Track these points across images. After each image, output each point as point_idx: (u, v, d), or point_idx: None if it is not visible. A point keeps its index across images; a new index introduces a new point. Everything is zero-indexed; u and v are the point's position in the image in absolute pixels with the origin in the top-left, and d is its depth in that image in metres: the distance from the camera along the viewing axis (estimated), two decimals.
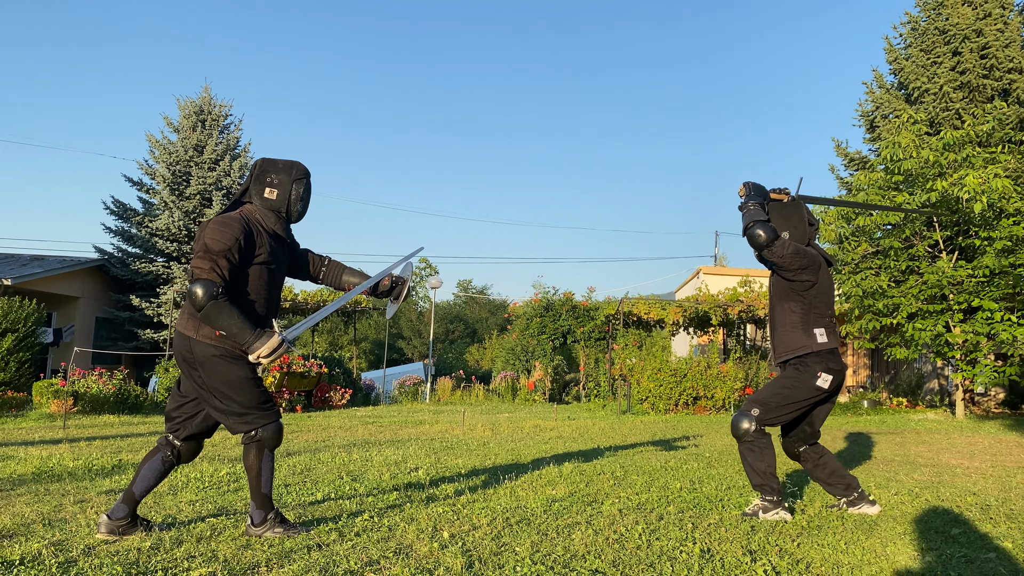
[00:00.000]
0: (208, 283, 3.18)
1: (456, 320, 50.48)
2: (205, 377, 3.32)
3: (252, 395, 3.36)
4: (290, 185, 3.53)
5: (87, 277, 20.60)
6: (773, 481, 4.07)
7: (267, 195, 3.51)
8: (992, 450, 7.79)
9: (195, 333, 3.33)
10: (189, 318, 3.37)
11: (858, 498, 4.24)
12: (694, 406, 13.74)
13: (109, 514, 3.40)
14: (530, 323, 19.43)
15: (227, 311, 3.20)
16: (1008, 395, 15.69)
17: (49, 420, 10.31)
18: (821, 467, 4.29)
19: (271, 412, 3.42)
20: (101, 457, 6.14)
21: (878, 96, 18.97)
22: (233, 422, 3.36)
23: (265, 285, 3.47)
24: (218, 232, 3.27)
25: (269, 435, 3.39)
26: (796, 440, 4.32)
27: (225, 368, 3.31)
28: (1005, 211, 12.04)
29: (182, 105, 22.42)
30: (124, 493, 3.45)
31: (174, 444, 3.50)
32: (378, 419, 11.65)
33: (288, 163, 3.57)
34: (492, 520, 3.83)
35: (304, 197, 3.60)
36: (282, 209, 3.54)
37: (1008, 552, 3.40)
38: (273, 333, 3.28)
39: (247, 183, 3.57)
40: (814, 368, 4.10)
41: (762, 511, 4.02)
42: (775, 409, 4.11)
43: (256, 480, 3.39)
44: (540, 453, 6.91)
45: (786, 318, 4.19)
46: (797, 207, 4.32)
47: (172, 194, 21.15)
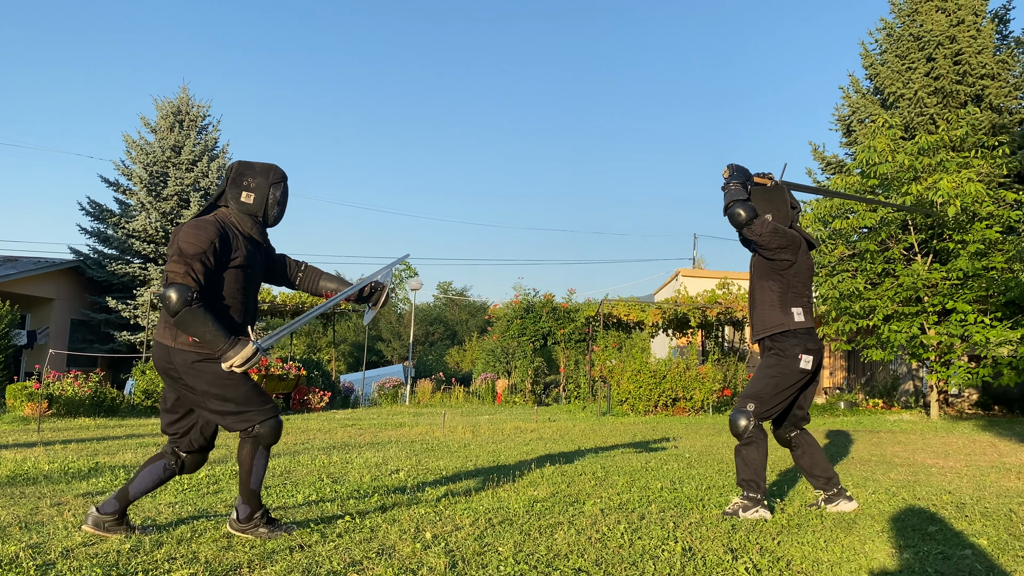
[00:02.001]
0: (182, 287, 3.12)
1: (436, 322, 50.39)
2: (192, 383, 3.25)
3: (245, 390, 3.30)
4: (267, 189, 3.47)
5: (62, 279, 20.33)
6: (761, 479, 4.11)
7: (244, 199, 3.45)
8: (966, 450, 7.91)
9: (173, 341, 3.26)
10: (166, 327, 3.30)
11: (836, 494, 4.29)
12: (673, 407, 13.82)
13: (99, 508, 3.36)
14: (510, 325, 19.44)
15: (201, 317, 3.12)
16: (981, 396, 15.92)
17: (23, 423, 10.17)
18: (809, 455, 4.34)
19: (269, 407, 3.36)
20: (77, 460, 6.07)
21: (854, 101, 19.19)
22: (231, 421, 3.30)
23: (241, 289, 3.42)
24: (192, 235, 3.21)
25: (267, 431, 3.33)
26: (788, 426, 4.38)
27: (209, 370, 3.25)
28: (978, 215, 12.24)
29: (159, 105, 22.22)
30: (119, 490, 3.40)
31: (179, 455, 3.45)
32: (357, 421, 11.60)
33: (265, 166, 3.52)
34: (475, 520, 3.84)
35: (281, 201, 3.54)
36: (259, 213, 3.49)
37: (983, 549, 3.46)
38: (248, 342, 3.20)
39: (223, 186, 3.51)
40: (794, 351, 4.16)
41: (742, 510, 4.05)
42: (768, 400, 4.17)
43: (247, 475, 3.33)
44: (521, 455, 6.92)
45: (765, 296, 4.27)
46: (780, 191, 4.40)
47: (149, 195, 20.94)
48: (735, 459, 4.23)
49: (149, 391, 12.98)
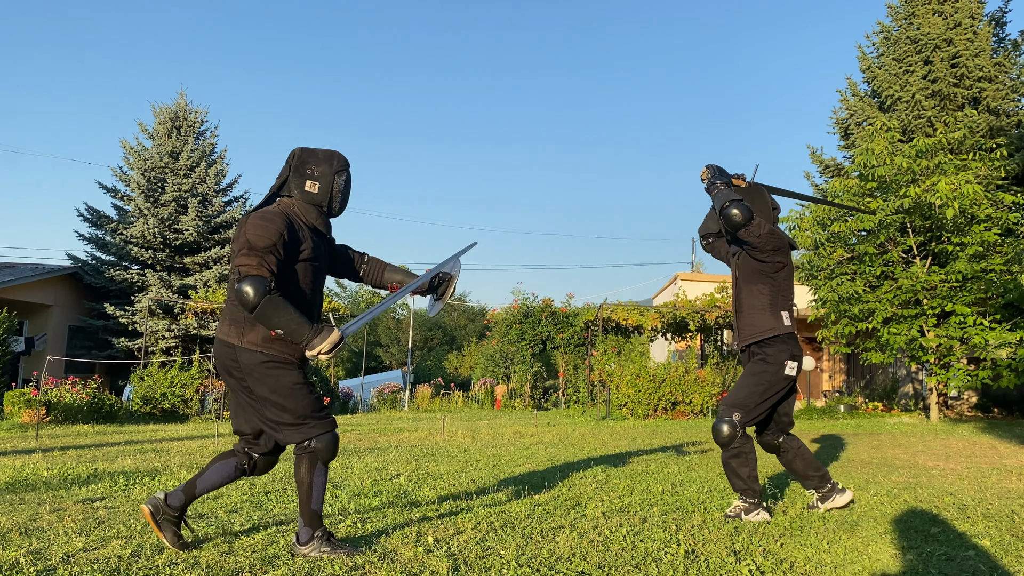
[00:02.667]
0: (259, 279, 2.97)
1: (435, 327, 50.33)
2: (253, 386, 3.14)
3: (305, 402, 3.16)
4: (332, 177, 3.33)
5: (60, 285, 20.29)
6: (755, 484, 4.09)
7: (308, 188, 3.30)
8: (967, 452, 7.90)
9: (240, 340, 3.13)
10: (231, 324, 3.16)
11: (830, 490, 4.30)
12: (673, 411, 13.80)
13: (167, 496, 3.24)
14: (509, 330, 19.43)
15: (283, 307, 2.99)
16: (981, 399, 15.92)
17: (21, 430, 10.14)
18: (800, 458, 4.31)
19: (327, 420, 3.22)
20: (76, 466, 6.05)
21: (852, 104, 19.23)
22: (287, 433, 3.16)
23: (310, 283, 3.28)
24: (261, 227, 3.07)
25: (324, 445, 3.17)
26: (773, 432, 4.33)
27: (275, 376, 3.13)
28: (976, 217, 12.25)
29: (157, 111, 22.21)
30: (186, 483, 3.28)
31: (251, 456, 3.34)
32: (357, 427, 11.58)
33: (328, 153, 3.37)
34: (476, 524, 3.82)
35: (345, 190, 3.39)
36: (324, 203, 3.33)
37: (986, 550, 3.45)
38: (332, 328, 3.07)
39: (284, 175, 3.35)
40: (781, 357, 4.11)
41: (744, 512, 4.05)
42: (754, 409, 4.12)
43: (307, 495, 3.17)
44: (521, 458, 6.90)
45: (754, 301, 4.19)
46: (759, 191, 4.35)
47: (147, 201, 20.92)
48: (724, 470, 4.19)
49: (147, 397, 12.95)
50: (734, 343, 4.40)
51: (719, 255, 4.65)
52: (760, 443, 4.40)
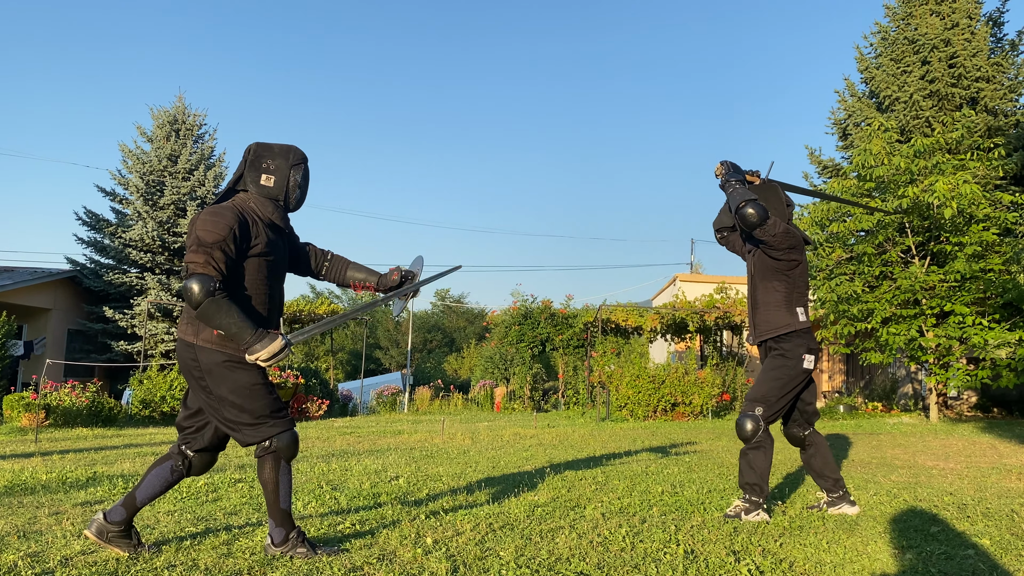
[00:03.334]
0: (204, 278, 2.96)
1: (434, 329, 50.36)
2: (212, 386, 3.11)
3: (264, 402, 3.14)
4: (288, 170, 3.31)
5: (59, 289, 20.28)
6: (765, 483, 4.11)
7: (263, 182, 3.27)
8: (966, 452, 7.90)
9: (196, 338, 3.12)
10: (189, 323, 3.15)
11: (840, 497, 4.29)
12: (672, 412, 13.80)
13: (106, 514, 3.19)
14: (509, 331, 19.41)
15: (226, 308, 2.97)
16: (980, 398, 15.92)
17: (20, 434, 10.13)
18: (821, 456, 4.33)
19: (285, 419, 3.20)
20: (75, 470, 6.04)
21: (850, 104, 19.25)
22: (246, 433, 3.13)
23: (265, 280, 3.24)
24: (210, 223, 3.04)
25: (285, 444, 3.17)
26: (798, 425, 4.35)
27: (234, 375, 3.11)
28: (975, 217, 12.26)
29: (156, 114, 22.21)
30: (125, 497, 3.23)
31: (187, 455, 3.29)
32: (356, 429, 11.57)
33: (284, 147, 3.35)
34: (475, 526, 3.82)
35: (303, 184, 3.38)
36: (280, 196, 3.30)
37: (986, 549, 3.45)
38: (276, 335, 3.07)
39: (240, 169, 3.32)
40: (798, 352, 4.16)
41: (744, 512, 4.05)
42: (775, 403, 4.16)
43: (274, 495, 3.17)
44: (521, 460, 6.90)
45: (769, 297, 4.22)
46: (773, 188, 4.36)
47: (146, 204, 20.92)
48: (740, 462, 4.20)
49: (147, 401, 12.94)
50: (749, 337, 4.42)
51: (734, 248, 4.69)
52: (786, 435, 4.42)
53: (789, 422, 4.39)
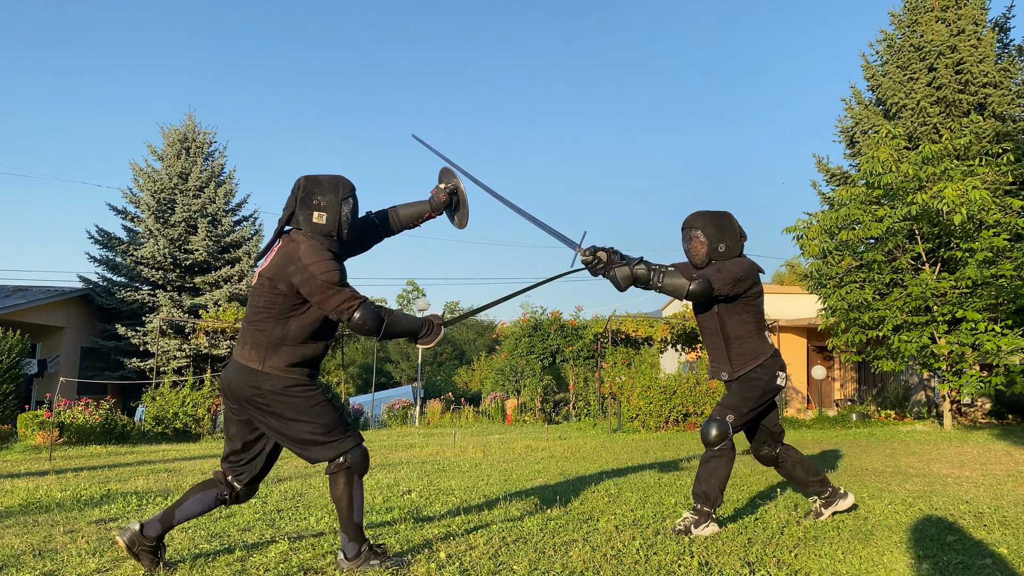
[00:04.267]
0: (366, 307, 3.11)
1: (444, 342, 50.35)
2: (280, 410, 3.14)
3: (332, 419, 3.21)
4: (339, 206, 3.29)
5: (72, 307, 20.42)
6: (721, 494, 4.03)
7: (316, 220, 3.25)
8: (981, 459, 7.84)
9: (261, 364, 3.13)
10: (252, 348, 3.16)
11: (832, 494, 4.30)
12: (684, 423, 13.74)
13: (143, 526, 3.19)
14: (519, 343, 19.41)
15: (400, 316, 3.23)
16: (995, 405, 15.80)
17: (35, 452, 10.18)
18: (800, 466, 4.30)
19: (356, 435, 3.28)
20: (89, 488, 6.07)
21: (857, 112, 19.23)
22: (319, 450, 3.19)
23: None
24: (323, 264, 3.11)
25: (358, 459, 3.23)
26: (767, 445, 4.29)
27: (301, 397, 3.16)
28: (985, 223, 12.21)
29: (166, 133, 22.40)
30: (164, 512, 3.24)
31: (234, 486, 3.31)
32: (368, 443, 11.54)
33: (333, 180, 3.33)
34: (489, 539, 3.82)
35: (353, 216, 3.38)
36: (332, 232, 3.29)
37: (1004, 558, 3.42)
38: (439, 327, 3.31)
39: (291, 206, 3.30)
40: (772, 368, 4.12)
41: (694, 525, 3.95)
42: (746, 414, 4.10)
43: (348, 510, 3.20)
44: (533, 473, 6.89)
45: (742, 330, 4.12)
46: (728, 218, 4.21)
47: (157, 222, 21.06)
48: (700, 468, 4.08)
49: (160, 417, 12.98)
50: (721, 374, 4.22)
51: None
52: (759, 458, 4.35)
53: (757, 443, 4.31)
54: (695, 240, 4.14)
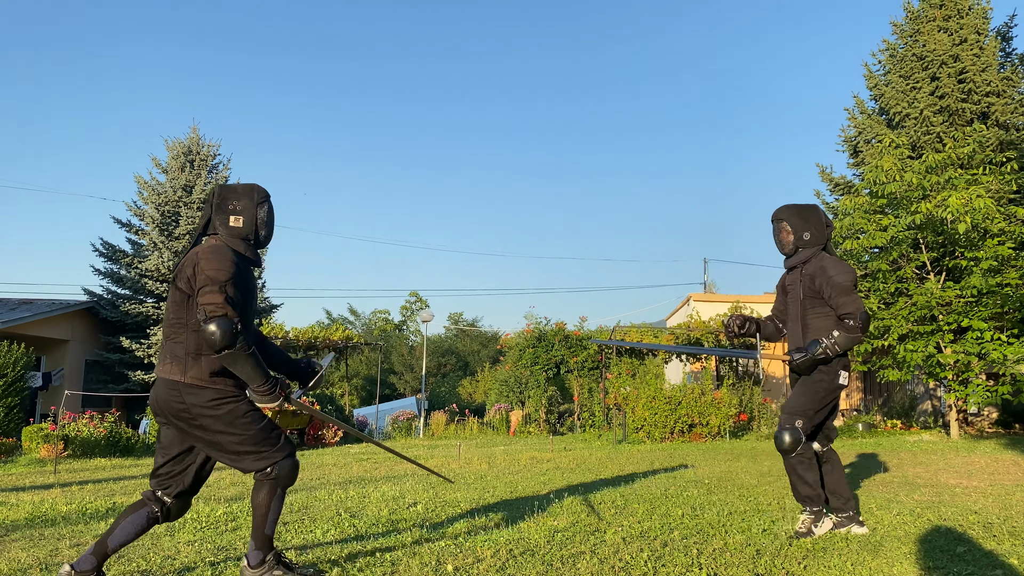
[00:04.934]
0: (225, 321, 3.01)
1: (448, 353, 50.35)
2: (207, 424, 3.13)
3: (261, 430, 3.20)
4: (254, 209, 3.39)
5: (76, 320, 20.46)
6: (821, 490, 4.20)
7: (232, 223, 3.35)
8: (989, 469, 7.80)
9: (182, 376, 3.12)
10: (173, 362, 3.15)
11: (849, 518, 4.29)
12: (689, 434, 13.70)
13: (74, 565, 3.10)
14: (523, 354, 19.37)
15: (246, 353, 3.07)
16: (1001, 414, 15.72)
17: (39, 465, 10.18)
18: (836, 474, 4.37)
19: (286, 446, 3.26)
20: (95, 501, 6.06)
21: (860, 121, 19.24)
22: (249, 461, 3.18)
23: (248, 317, 3.31)
24: (215, 260, 3.13)
25: (285, 472, 3.23)
26: (818, 442, 4.40)
27: (226, 409, 3.14)
28: (989, 231, 12.19)
29: (170, 146, 22.49)
30: (95, 544, 3.16)
31: (163, 500, 3.26)
32: (372, 455, 11.55)
33: (247, 187, 3.44)
34: (496, 552, 3.80)
35: (268, 220, 3.46)
36: (249, 235, 3.39)
37: (1014, 568, 3.40)
38: (280, 395, 3.21)
39: (207, 214, 3.40)
40: (836, 367, 4.24)
41: (814, 525, 4.14)
42: (814, 416, 4.22)
43: (262, 520, 3.20)
44: (539, 484, 6.87)
45: (820, 323, 4.30)
46: (814, 209, 4.48)
47: (161, 235, 21.12)
48: (790, 477, 4.28)
49: None
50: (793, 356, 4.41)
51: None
52: None
53: (812, 440, 4.39)
54: (783, 231, 4.47)
